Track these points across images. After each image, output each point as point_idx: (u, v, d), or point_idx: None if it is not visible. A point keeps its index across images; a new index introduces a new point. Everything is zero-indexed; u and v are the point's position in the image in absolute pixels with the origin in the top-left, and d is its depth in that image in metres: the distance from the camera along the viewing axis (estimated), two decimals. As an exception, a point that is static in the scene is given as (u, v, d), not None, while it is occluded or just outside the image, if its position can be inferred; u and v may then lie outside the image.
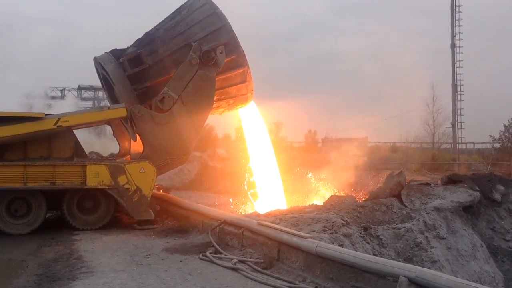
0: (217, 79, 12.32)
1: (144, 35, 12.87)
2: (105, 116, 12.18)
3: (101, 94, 71.95)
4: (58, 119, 11.18)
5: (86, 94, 72.16)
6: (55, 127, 11.10)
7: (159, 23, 13.05)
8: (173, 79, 11.99)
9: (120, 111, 11.77)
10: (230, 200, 17.42)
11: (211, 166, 25.61)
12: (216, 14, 12.54)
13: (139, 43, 12.69)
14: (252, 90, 13.52)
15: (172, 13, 13.16)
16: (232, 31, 12.50)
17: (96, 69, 13.37)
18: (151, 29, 12.98)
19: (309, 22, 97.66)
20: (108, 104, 14.16)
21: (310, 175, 19.38)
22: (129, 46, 12.69)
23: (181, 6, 13.21)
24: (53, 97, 54.37)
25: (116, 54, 12.50)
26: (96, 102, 71.83)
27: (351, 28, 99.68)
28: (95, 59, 12.92)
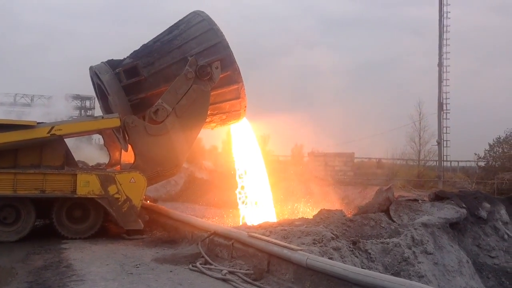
0: (211, 94, 12.47)
1: (141, 47, 12.99)
2: (99, 125, 12.21)
3: (88, 103, 71.95)
4: (52, 127, 11.19)
5: (73, 103, 71.92)
6: (48, 135, 11.11)
7: (157, 36, 13.18)
8: (168, 91, 12.10)
9: (114, 121, 11.82)
10: (221, 212, 17.42)
11: (198, 177, 25.58)
12: (213, 30, 12.73)
13: (135, 54, 12.79)
14: (245, 106, 13.66)
15: (170, 27, 13.31)
16: (229, 47, 12.68)
17: (91, 78, 13.41)
18: (149, 41, 13.10)
19: (296, 38, 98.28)
20: (94, 114, 14.20)
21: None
22: (125, 57, 12.77)
23: (179, 20, 13.38)
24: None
25: (112, 64, 12.58)
26: (83, 111, 71.71)
27: (339, 45, 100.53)
28: (91, 68, 12.98)
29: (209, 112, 12.72)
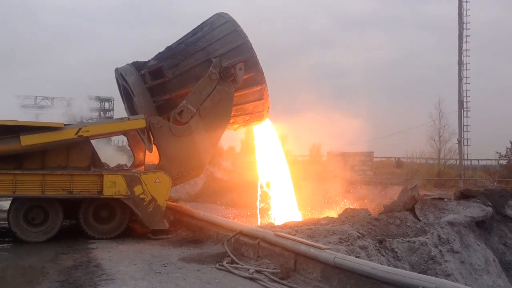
0: (235, 95, 12.57)
1: (165, 49, 13.14)
2: (125, 127, 12.36)
3: (107, 105, 72.61)
4: (79, 129, 11.36)
5: (92, 104, 72.54)
6: (76, 136, 11.28)
7: (181, 38, 13.32)
8: (192, 92, 12.22)
9: (140, 122, 11.96)
10: (241, 212, 17.49)
11: (217, 178, 25.66)
12: (237, 32, 12.83)
13: (160, 56, 12.95)
14: (268, 108, 13.73)
15: (193, 29, 13.44)
16: (252, 49, 12.77)
17: (117, 80, 13.61)
18: (173, 43, 13.24)
19: (314, 37, 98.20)
20: (113, 116, 14.37)
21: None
22: (150, 59, 12.92)
23: (203, 22, 13.50)
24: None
25: (137, 66, 12.76)
26: (102, 113, 72.38)
27: (356, 43, 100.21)
28: (116, 70, 13.16)
29: (232, 113, 12.81)
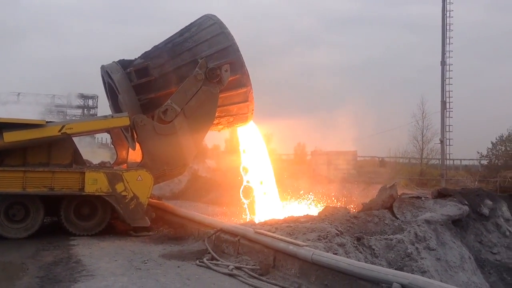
0: (219, 96, 12.66)
1: (152, 48, 13.22)
2: (109, 124, 12.39)
3: (91, 102, 72.17)
4: (63, 126, 11.37)
5: (76, 102, 72.13)
6: (59, 134, 11.29)
7: (168, 38, 13.40)
8: (178, 92, 12.31)
9: (124, 120, 12.02)
10: (224, 210, 17.57)
11: (201, 176, 25.66)
12: (224, 34, 12.96)
13: (146, 55, 13.02)
14: (253, 110, 13.87)
15: (181, 30, 13.54)
16: (239, 51, 12.92)
17: (102, 77, 13.66)
18: (160, 43, 13.33)
19: (298, 36, 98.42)
20: (97, 113, 14.39)
21: (301, 192, 19.58)
22: (136, 57, 12.97)
23: (191, 23, 13.61)
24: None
25: (123, 64, 12.81)
26: (85, 110, 71.95)
27: (340, 43, 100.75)
28: (102, 67, 13.21)
29: (217, 114, 12.93)
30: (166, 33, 13.54)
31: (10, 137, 10.89)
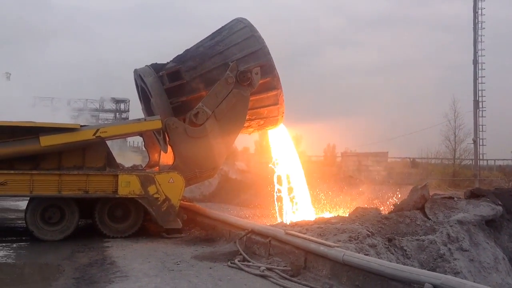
0: (250, 99, 12.76)
1: (184, 51, 13.40)
2: (142, 127, 12.61)
3: (122, 106, 73.20)
4: (97, 130, 11.62)
5: (108, 106, 73.37)
6: (94, 137, 11.54)
7: (199, 42, 13.59)
8: (209, 95, 12.45)
9: (156, 123, 12.21)
10: (255, 212, 17.66)
11: (232, 178, 25.76)
12: (254, 37, 13.08)
13: (178, 59, 13.20)
14: (283, 113, 13.90)
15: (212, 33, 13.72)
16: (269, 54, 13.00)
17: (135, 81, 13.92)
18: (192, 46, 13.50)
19: (327, 38, 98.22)
20: (129, 117, 14.58)
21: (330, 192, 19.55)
22: (168, 61, 13.17)
23: (222, 27, 13.78)
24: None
25: (155, 67, 13.00)
26: (117, 114, 73.03)
27: (370, 44, 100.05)
28: (135, 71, 13.47)
29: (247, 117, 13.03)
30: (195, 37, 13.74)
31: (47, 141, 11.17)
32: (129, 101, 72.81)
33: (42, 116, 11.85)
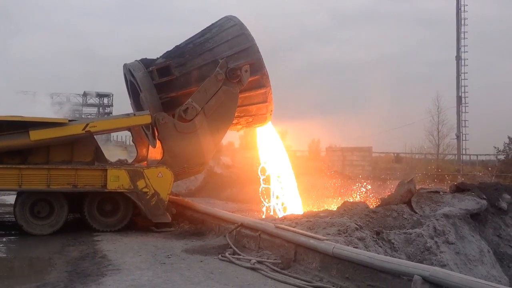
0: (239, 96, 12.87)
1: (174, 48, 13.45)
2: (132, 122, 12.65)
3: (106, 100, 72.76)
4: (87, 125, 11.62)
5: (91, 100, 72.97)
6: (83, 132, 11.54)
7: (189, 38, 13.63)
8: (198, 91, 12.53)
9: (145, 118, 12.25)
10: (241, 206, 17.74)
11: (217, 173, 25.85)
12: (244, 35, 13.16)
13: (168, 54, 13.25)
14: (272, 110, 14.02)
15: (202, 30, 13.78)
16: (259, 52, 13.11)
17: (124, 75, 13.95)
18: (182, 42, 13.55)
19: (310, 33, 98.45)
20: (112, 111, 14.55)
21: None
22: (158, 57, 13.21)
23: (212, 24, 13.84)
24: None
25: (145, 62, 13.05)
26: (101, 108, 72.60)
27: (353, 39, 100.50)
28: (125, 65, 13.50)
29: (236, 114, 13.13)
30: (179, 33, 13.80)
31: (36, 135, 11.16)
32: (112, 96, 72.48)
33: (23, 110, 11.75)
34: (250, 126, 14.82)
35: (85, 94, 70.77)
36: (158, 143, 12.74)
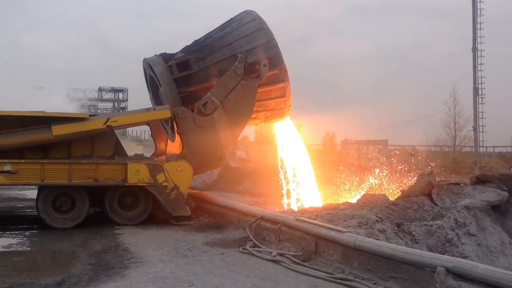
0: (258, 91, 12.90)
1: (193, 42, 13.52)
2: (151, 116, 12.74)
3: (121, 95, 73.19)
4: (108, 119, 11.73)
5: (106, 95, 73.49)
6: (104, 126, 11.65)
7: (208, 33, 13.69)
8: (217, 86, 12.59)
9: (165, 112, 12.33)
10: (257, 200, 17.79)
11: (232, 167, 25.88)
12: (263, 30, 13.17)
13: (187, 49, 13.31)
14: (290, 105, 14.01)
15: (221, 25, 13.82)
16: (277, 46, 13.11)
17: (144, 70, 14.05)
18: (201, 37, 13.61)
19: (322, 25, 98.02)
20: (127, 106, 14.63)
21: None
22: (177, 51, 13.27)
23: (231, 19, 13.87)
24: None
25: (165, 57, 13.13)
26: (116, 103, 73.06)
27: (366, 31, 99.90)
28: (144, 60, 13.59)
29: (254, 109, 13.16)
30: (194, 28, 13.86)
31: (58, 130, 11.30)
32: (127, 91, 72.93)
33: (38, 106, 11.88)
34: (268, 121, 14.83)
35: (100, 89, 71.34)
36: (177, 137, 12.82)
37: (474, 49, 37.36)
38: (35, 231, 11.51)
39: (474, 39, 37.35)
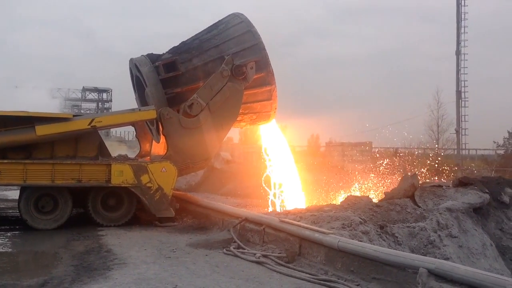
0: (244, 93, 12.91)
1: (180, 43, 13.50)
2: (137, 117, 12.69)
3: (105, 96, 72.69)
4: (92, 120, 11.68)
5: (90, 95, 72.95)
6: (89, 127, 11.59)
7: (196, 34, 13.69)
8: (204, 87, 12.59)
9: (151, 113, 12.31)
10: (241, 201, 17.75)
11: (217, 168, 25.81)
12: (251, 32, 13.21)
13: (174, 50, 13.29)
14: (276, 108, 14.06)
15: (209, 27, 13.83)
16: (265, 50, 13.16)
17: (130, 70, 14.01)
18: (188, 39, 13.61)
19: (308, 28, 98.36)
20: (111, 107, 14.55)
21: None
22: (164, 52, 13.24)
23: (219, 21, 13.89)
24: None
25: (151, 58, 13.10)
26: (100, 104, 72.55)
27: (351, 34, 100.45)
28: (131, 60, 13.54)
29: (240, 111, 13.18)
30: (180, 30, 13.83)
31: (42, 130, 11.22)
32: (111, 91, 72.45)
33: (22, 105, 11.80)
34: (254, 124, 14.85)
35: (84, 89, 70.78)
36: (161, 138, 12.78)
37: (458, 53, 37.64)
38: (17, 232, 11.40)
39: (458, 43, 37.65)
